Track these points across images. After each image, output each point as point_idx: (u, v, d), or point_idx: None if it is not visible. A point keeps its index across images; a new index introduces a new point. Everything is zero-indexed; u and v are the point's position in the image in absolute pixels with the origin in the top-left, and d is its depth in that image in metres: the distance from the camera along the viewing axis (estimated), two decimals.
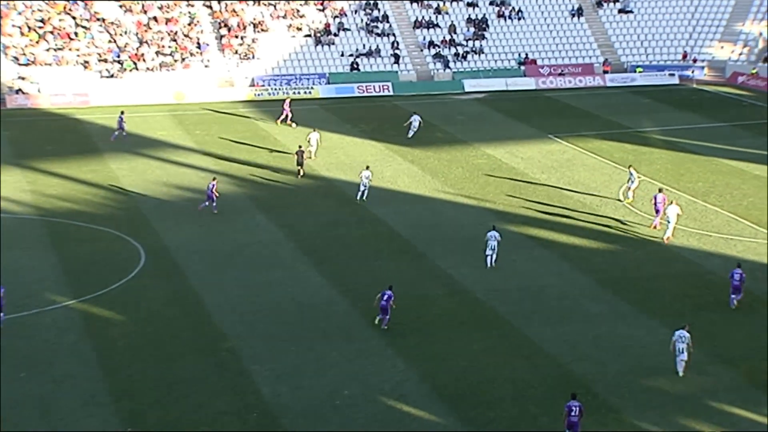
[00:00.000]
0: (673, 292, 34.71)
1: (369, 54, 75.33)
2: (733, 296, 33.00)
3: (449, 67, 75.29)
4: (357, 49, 75.72)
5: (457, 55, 76.30)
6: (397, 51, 75.87)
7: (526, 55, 76.92)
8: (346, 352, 30.40)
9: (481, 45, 77.46)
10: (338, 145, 53.28)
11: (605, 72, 75.20)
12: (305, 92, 69.61)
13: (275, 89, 69.31)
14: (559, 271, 36.97)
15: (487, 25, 79.27)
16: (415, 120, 57.09)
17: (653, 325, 31.99)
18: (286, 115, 58.98)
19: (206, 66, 70.91)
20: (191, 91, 67.41)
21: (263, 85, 69.93)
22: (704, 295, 33.91)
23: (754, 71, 73.18)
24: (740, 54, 76.30)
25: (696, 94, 70.24)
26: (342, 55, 75.01)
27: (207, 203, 42.91)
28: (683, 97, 69.06)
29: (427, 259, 38.23)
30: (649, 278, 36.07)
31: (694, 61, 76.35)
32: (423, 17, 79.48)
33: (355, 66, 74.02)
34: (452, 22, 79.15)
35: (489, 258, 36.81)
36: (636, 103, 67.59)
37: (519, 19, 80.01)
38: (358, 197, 44.60)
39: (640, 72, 75.39)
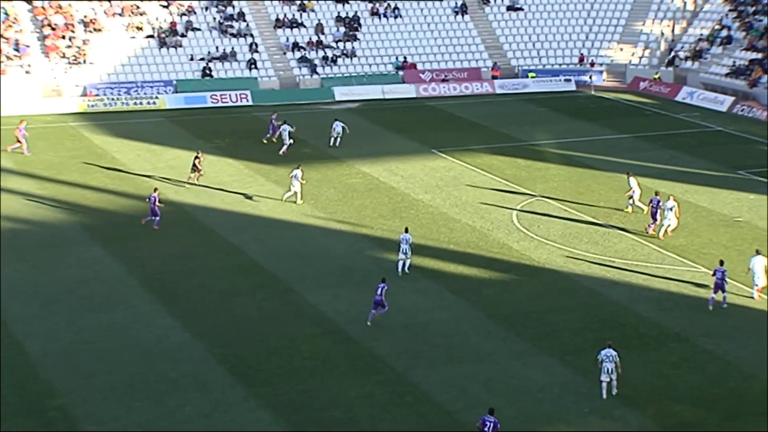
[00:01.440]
0: (574, 326, 35.66)
1: (223, 58, 75.11)
2: (713, 295, 36.68)
3: (317, 73, 75.74)
4: (209, 53, 75.41)
5: (325, 58, 76.81)
6: (255, 54, 75.89)
7: (405, 58, 78.05)
8: (201, 406, 30.12)
9: (353, 47, 78.22)
10: (189, 164, 52.77)
11: (494, 77, 76.94)
12: (148, 102, 68.88)
13: (112, 99, 68.37)
14: (446, 304, 37.51)
15: (360, 25, 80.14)
16: (338, 126, 58.04)
17: (552, 363, 32.78)
18: (275, 133, 58.49)
19: (27, 72, 69.39)
20: (9, 102, 65.77)
21: (97, 95, 68.88)
22: (608, 329, 34.95)
23: (656, 76, 76.13)
24: (641, 57, 79.28)
25: (595, 102, 72.56)
26: (191, 59, 74.57)
27: (151, 218, 43.96)
28: (581, 106, 71.24)
29: (295, 294, 38.26)
30: (547, 311, 36.97)
31: (592, 64, 78.93)
32: (285, 15, 79.83)
33: (208, 72, 73.67)
34: (319, 20, 79.73)
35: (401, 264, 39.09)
36: (529, 112, 69.34)
37: (396, 17, 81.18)
38: (285, 196, 47.77)
39: (532, 77, 77.43)
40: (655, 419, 29.48)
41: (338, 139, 58.44)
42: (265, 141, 59.37)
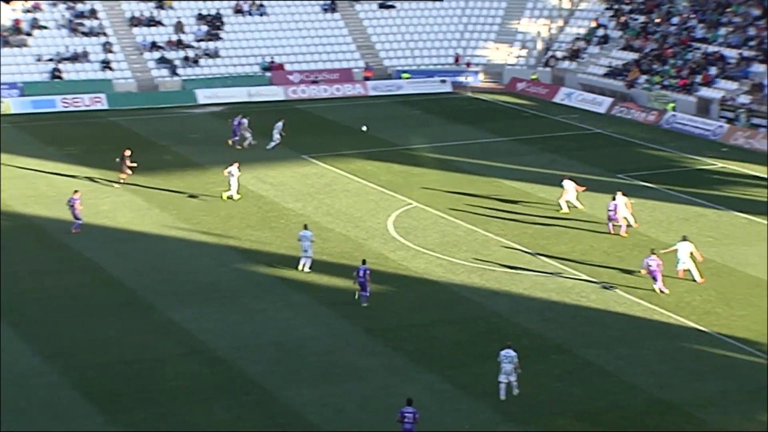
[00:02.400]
0: (453, 339, 35.98)
1: (74, 58, 73.73)
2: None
3: (177, 74, 74.94)
4: (58, 53, 73.94)
5: (186, 59, 76.07)
6: (110, 55, 74.66)
7: (272, 59, 77.81)
8: None
9: (216, 47, 77.66)
10: (38, 174, 51.70)
11: (367, 78, 77.29)
12: None
13: None
14: (320, 319, 37.44)
15: (223, 23, 79.64)
16: (277, 128, 58.49)
17: (431, 379, 32.99)
18: (241, 136, 58.80)
19: None
20: None
21: None
22: (489, 342, 35.34)
23: (534, 77, 77.56)
24: (518, 57, 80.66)
25: (471, 104, 73.50)
26: (39, 60, 73.03)
27: (78, 224, 44.40)
28: (457, 107, 72.07)
29: (157, 311, 37.70)
30: (426, 324, 37.20)
31: (468, 65, 79.96)
32: (142, 13, 78.76)
33: (57, 74, 72.20)
34: (179, 19, 78.91)
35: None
36: (404, 114, 69.83)
37: (261, 15, 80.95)
38: (225, 195, 49.15)
39: (407, 78, 78.05)
40: None
41: (275, 144, 58.98)
42: (230, 143, 59.18)
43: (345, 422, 30.51)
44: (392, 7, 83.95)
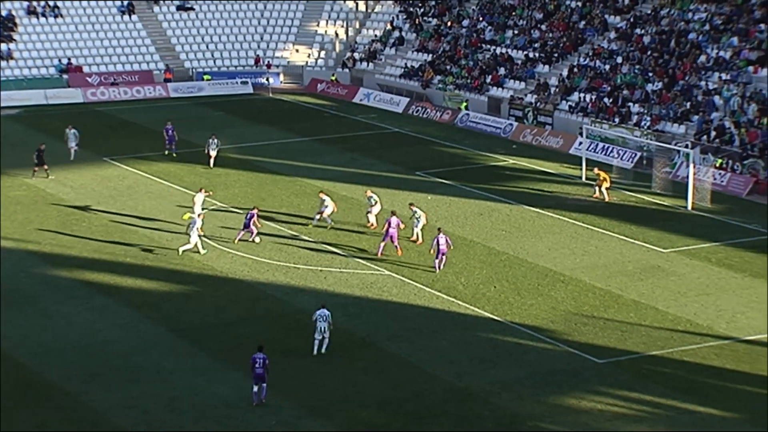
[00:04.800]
0: (259, 336, 35.80)
1: None
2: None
3: None
4: None
5: None
6: None
7: (69, 60, 75.85)
8: None
9: (9, 49, 75.17)
10: None
11: (167, 80, 76.29)
12: None
13: None
14: (124, 322, 36.78)
15: (15, 24, 77.19)
16: (75, 136, 56.30)
17: (238, 378, 32.83)
18: (172, 143, 57.26)
19: None
20: None
21: None
22: (294, 338, 35.45)
23: (334, 78, 78.11)
24: (317, 58, 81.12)
25: (273, 105, 73.48)
26: None
27: None
28: (259, 108, 71.93)
29: None
30: (231, 323, 37.02)
31: (269, 66, 79.89)
32: None
33: None
34: None
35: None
36: (206, 116, 69.23)
37: (56, 16, 78.84)
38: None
39: (208, 80, 77.42)
40: (343, 427, 30.18)
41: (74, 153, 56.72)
42: (166, 153, 57.40)
43: (152, 423, 30.07)
44: (191, 9, 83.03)
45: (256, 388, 30.80)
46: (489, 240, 44.62)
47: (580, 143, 59.27)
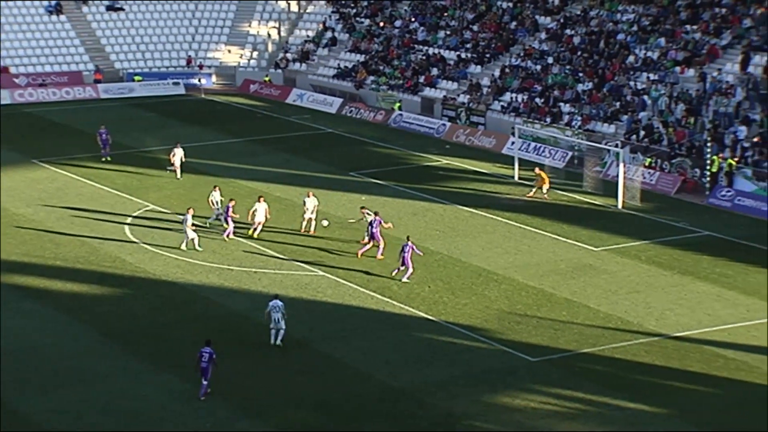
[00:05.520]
0: (193, 339, 35.53)
1: None
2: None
3: None
4: None
5: None
6: None
7: None
8: None
9: None
10: None
11: (97, 81, 75.60)
12: None
13: None
14: (55, 326, 36.36)
15: None
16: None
17: (171, 380, 32.62)
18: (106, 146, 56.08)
19: None
20: None
21: None
22: (228, 341, 35.27)
23: (267, 78, 77.88)
24: (250, 59, 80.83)
25: (205, 106, 73.07)
26: None
27: None
28: (191, 109, 71.48)
29: None
30: (164, 325, 36.77)
31: (201, 67, 79.44)
32: None
33: None
34: None
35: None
36: (138, 117, 68.66)
37: None
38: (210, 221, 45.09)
39: (139, 81, 76.79)
40: (278, 428, 30.12)
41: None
42: (104, 159, 56.32)
43: (86, 427, 29.76)
44: (121, 9, 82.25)
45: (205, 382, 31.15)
46: (423, 240, 44.75)
47: (513, 143, 59.71)
